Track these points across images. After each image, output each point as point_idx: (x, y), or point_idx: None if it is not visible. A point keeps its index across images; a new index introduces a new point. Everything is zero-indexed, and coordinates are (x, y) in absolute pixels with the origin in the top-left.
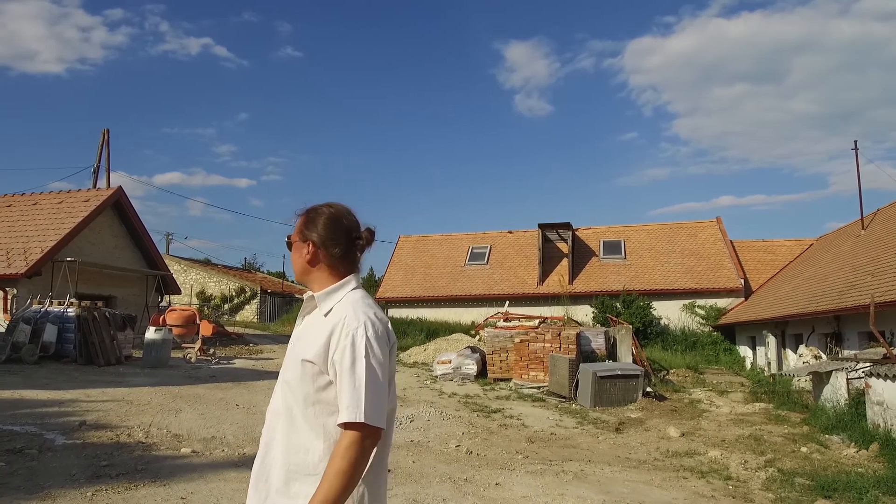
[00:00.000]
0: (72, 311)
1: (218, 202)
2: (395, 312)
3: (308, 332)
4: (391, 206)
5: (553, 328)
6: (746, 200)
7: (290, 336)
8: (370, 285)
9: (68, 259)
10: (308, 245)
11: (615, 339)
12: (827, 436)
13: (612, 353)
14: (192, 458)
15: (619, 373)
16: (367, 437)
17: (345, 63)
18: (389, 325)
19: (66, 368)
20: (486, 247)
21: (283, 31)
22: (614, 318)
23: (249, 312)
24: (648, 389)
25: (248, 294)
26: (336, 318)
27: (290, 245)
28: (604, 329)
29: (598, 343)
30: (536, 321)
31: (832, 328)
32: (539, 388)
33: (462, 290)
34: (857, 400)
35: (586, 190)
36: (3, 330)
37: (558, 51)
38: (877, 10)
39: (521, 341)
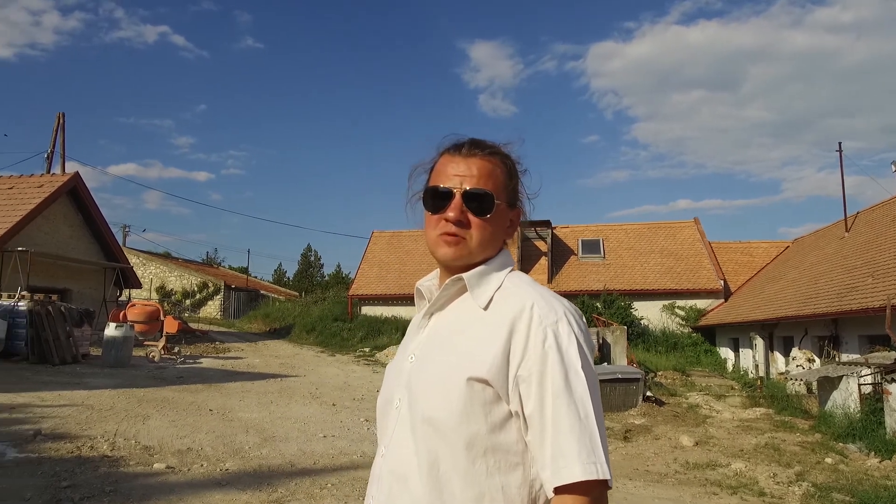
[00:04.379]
0: (23, 305)
1: (176, 194)
2: (369, 310)
3: (454, 337)
4: (363, 200)
5: None
6: (703, 204)
7: (258, 333)
8: (338, 282)
9: (19, 249)
10: (514, 213)
11: (604, 341)
12: (842, 444)
13: (604, 355)
14: (167, 475)
15: (620, 376)
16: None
17: (307, 55)
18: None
19: (16, 367)
20: None
21: (243, 21)
22: (601, 318)
23: (213, 308)
24: (648, 394)
25: (212, 289)
26: (511, 311)
27: (483, 206)
28: (594, 330)
29: None
30: None
31: (829, 331)
32: None
33: None
34: (872, 406)
35: (549, 190)
36: None
37: (522, 52)
38: (828, 23)
39: None
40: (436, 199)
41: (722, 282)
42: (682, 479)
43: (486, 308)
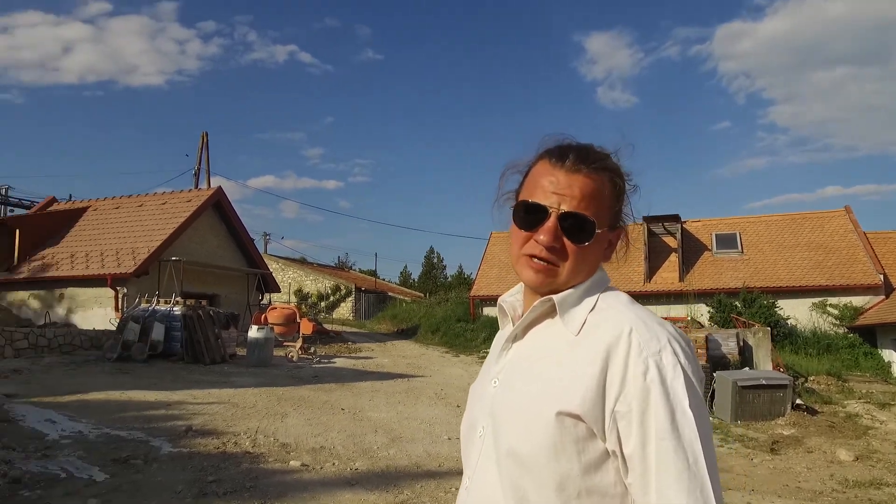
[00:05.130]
0: (178, 310)
1: (309, 203)
2: (491, 311)
3: (541, 364)
4: (482, 202)
5: None
6: (854, 190)
7: (387, 334)
8: (461, 283)
9: (174, 258)
10: (615, 233)
11: (745, 343)
12: None
13: (745, 359)
14: (301, 472)
15: (764, 382)
16: None
17: (422, 62)
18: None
19: (173, 367)
20: None
21: (362, 34)
22: (739, 319)
23: (345, 310)
24: (798, 401)
25: (343, 292)
26: (606, 337)
27: (581, 233)
28: (734, 331)
29: (728, 347)
30: None
31: None
32: None
33: None
34: None
35: (679, 183)
36: (115, 328)
37: (641, 40)
38: None
39: None
40: (527, 215)
41: (881, 276)
42: (841, 498)
43: (577, 333)
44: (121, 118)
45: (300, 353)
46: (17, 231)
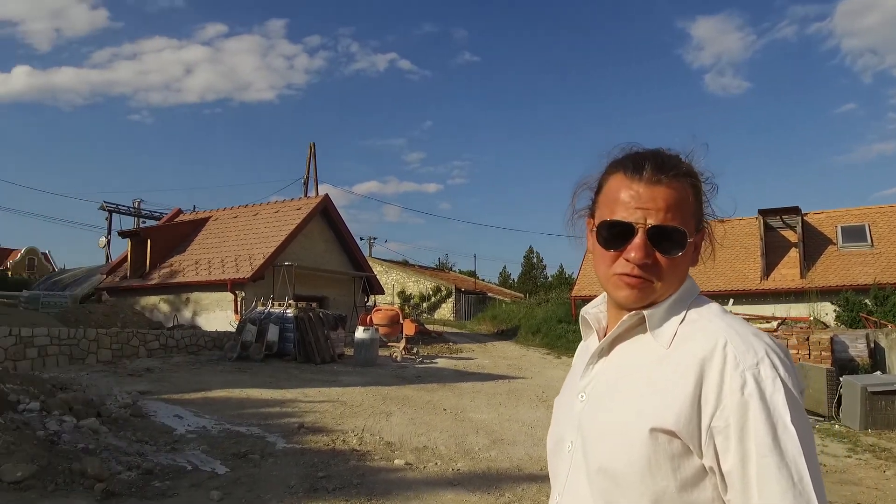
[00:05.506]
0: (290, 312)
1: (410, 206)
2: None
3: (631, 379)
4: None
5: (797, 331)
6: None
7: (487, 334)
8: (561, 283)
9: (286, 263)
10: (699, 235)
11: (877, 345)
12: None
13: (876, 362)
14: (405, 471)
15: None
16: None
17: (521, 61)
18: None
19: (287, 366)
20: None
21: (459, 37)
22: (869, 318)
23: (446, 311)
24: None
25: (444, 293)
26: (700, 350)
27: (673, 244)
28: (864, 332)
29: (857, 349)
30: (774, 323)
31: None
32: None
33: None
34: None
35: (798, 172)
36: (234, 330)
37: (753, 21)
38: None
39: None
40: (613, 234)
41: None
42: None
43: (668, 346)
44: (237, 132)
45: (403, 353)
46: (149, 241)
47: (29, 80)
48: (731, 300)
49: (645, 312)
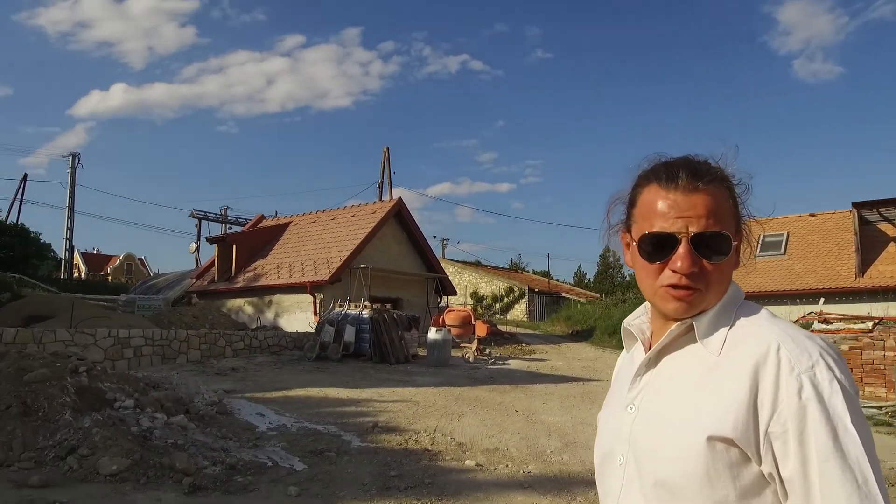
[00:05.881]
0: (366, 314)
1: (483, 207)
2: None
3: (683, 388)
4: None
5: (895, 332)
6: None
7: (561, 335)
8: (631, 286)
9: (362, 266)
10: (740, 237)
11: None
12: None
13: None
14: (476, 472)
15: None
16: None
17: (596, 55)
18: None
19: (363, 366)
20: (783, 234)
21: (532, 35)
22: None
23: (519, 311)
24: None
25: (517, 293)
26: (752, 355)
27: (718, 249)
28: None
29: None
30: (869, 323)
31: None
32: (881, 407)
33: (753, 285)
34: None
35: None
36: (313, 331)
37: (845, 3)
38: None
39: (851, 349)
40: (655, 247)
41: None
42: None
43: (719, 353)
44: (316, 139)
45: (476, 354)
46: (234, 246)
47: (125, 96)
48: (822, 299)
49: (694, 321)
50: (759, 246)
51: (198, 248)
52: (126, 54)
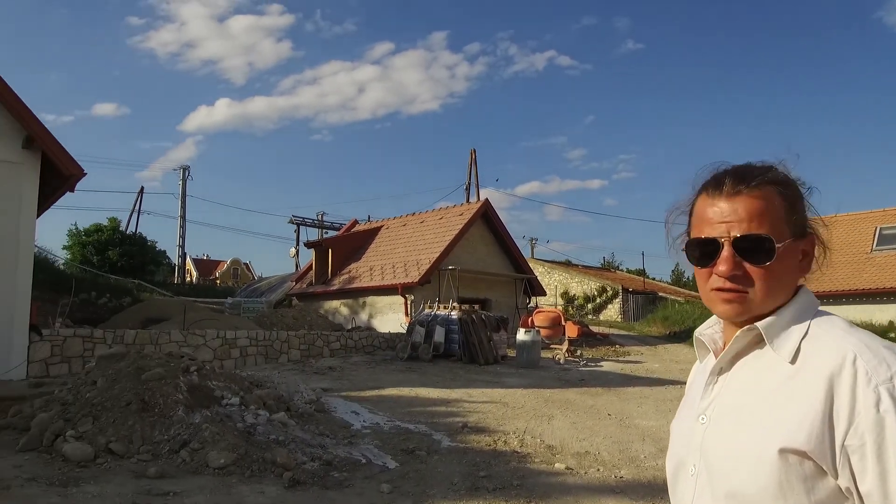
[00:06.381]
0: (455, 315)
1: (573, 205)
2: None
3: (755, 398)
4: None
5: None
6: None
7: (658, 336)
8: None
9: (450, 267)
10: (806, 241)
11: None
12: None
13: None
14: (566, 475)
15: None
16: None
17: (689, 41)
18: None
19: (452, 367)
20: None
21: (621, 26)
22: None
23: (612, 312)
24: None
25: (610, 293)
26: (827, 365)
27: (760, 253)
28: None
29: None
30: None
31: None
32: None
33: (870, 282)
34: None
35: None
36: (405, 331)
37: None
38: None
39: None
40: (701, 252)
41: None
42: None
43: (792, 362)
44: (405, 144)
45: (566, 355)
46: (330, 250)
47: (228, 110)
48: None
49: (760, 326)
50: (876, 239)
51: (297, 252)
52: (228, 70)
